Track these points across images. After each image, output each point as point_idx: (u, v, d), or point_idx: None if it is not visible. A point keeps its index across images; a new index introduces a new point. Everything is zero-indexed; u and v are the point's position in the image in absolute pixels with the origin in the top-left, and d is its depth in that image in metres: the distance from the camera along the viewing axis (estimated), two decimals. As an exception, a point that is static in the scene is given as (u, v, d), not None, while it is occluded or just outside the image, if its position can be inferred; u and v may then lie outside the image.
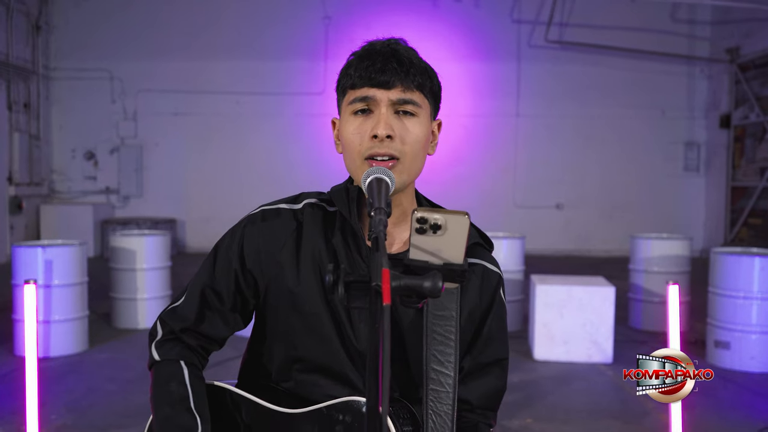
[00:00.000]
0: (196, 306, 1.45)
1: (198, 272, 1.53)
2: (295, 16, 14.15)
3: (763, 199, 12.39)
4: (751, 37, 12.71)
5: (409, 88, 1.37)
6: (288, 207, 1.50)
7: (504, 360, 1.44)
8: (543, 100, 14.23)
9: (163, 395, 1.39)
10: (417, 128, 1.37)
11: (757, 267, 6.05)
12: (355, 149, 1.36)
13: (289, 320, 1.38)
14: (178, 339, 1.45)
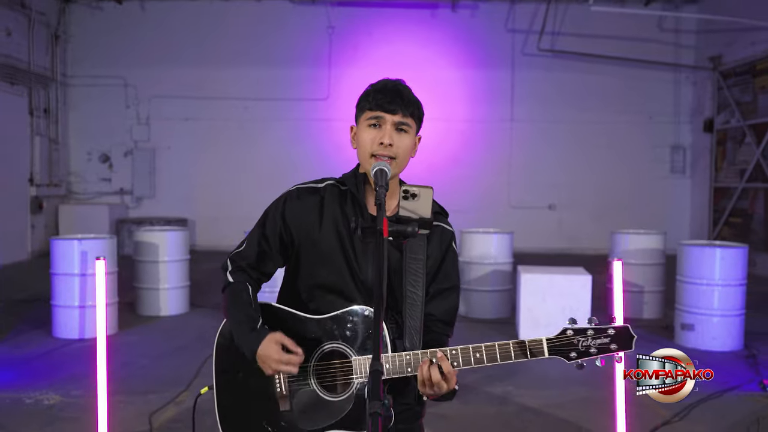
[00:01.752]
0: (254, 250, 2.16)
1: (253, 229, 2.23)
2: (301, 26, 14.88)
3: (742, 199, 13.11)
4: (732, 46, 13.43)
5: (405, 115, 2.07)
6: (315, 186, 2.21)
7: (456, 287, 2.14)
8: (536, 105, 14.94)
9: (235, 301, 2.10)
10: (407, 141, 2.05)
11: (717, 257, 6.78)
12: (366, 148, 2.06)
13: (314, 259, 2.08)
14: (243, 270, 2.16)
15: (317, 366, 1.98)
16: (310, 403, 1.97)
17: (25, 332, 7.29)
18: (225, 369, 2.15)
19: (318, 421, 1.96)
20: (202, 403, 2.47)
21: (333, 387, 1.96)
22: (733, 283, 6.76)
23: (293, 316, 2.04)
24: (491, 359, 1.92)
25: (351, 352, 1.94)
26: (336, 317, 1.97)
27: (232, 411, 2.13)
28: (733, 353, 6.67)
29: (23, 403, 5.10)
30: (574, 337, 1.94)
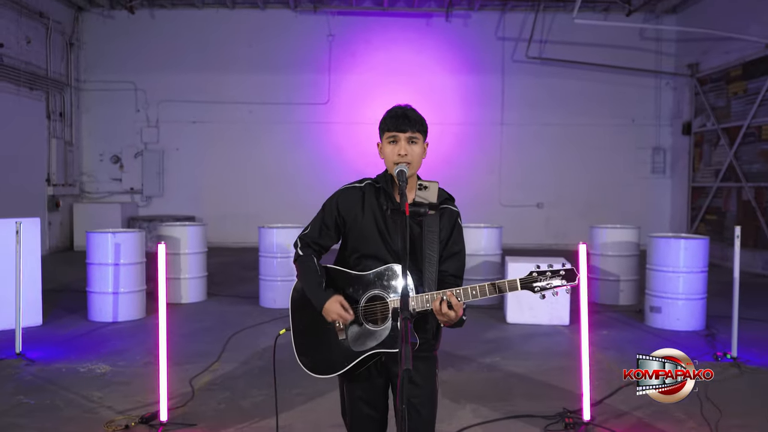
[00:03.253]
0: (317, 231, 2.97)
1: (316, 216, 3.02)
2: (303, 34, 15.70)
3: (717, 197, 14.02)
4: (707, 55, 14.33)
5: (413, 132, 2.88)
6: (357, 185, 3.02)
7: (462, 250, 2.96)
8: (525, 109, 15.81)
9: (306, 269, 2.91)
10: (417, 149, 2.86)
11: (682, 247, 7.65)
12: (390, 158, 2.86)
13: (358, 236, 2.88)
14: (309, 246, 2.96)
15: (364, 307, 2.81)
16: (360, 333, 2.80)
17: (63, 317, 8.09)
18: (299, 314, 2.98)
19: (366, 344, 2.79)
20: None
21: (375, 320, 2.79)
22: (695, 270, 7.63)
23: (348, 274, 2.87)
24: (483, 293, 2.73)
25: (387, 295, 2.78)
26: (376, 273, 2.80)
27: (305, 342, 2.96)
28: (695, 332, 7.53)
29: (78, 372, 5.91)
30: (537, 276, 2.75)
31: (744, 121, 12.92)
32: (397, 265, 2.79)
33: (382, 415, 3.00)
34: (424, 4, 15.53)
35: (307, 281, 2.92)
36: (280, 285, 8.76)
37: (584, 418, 4.64)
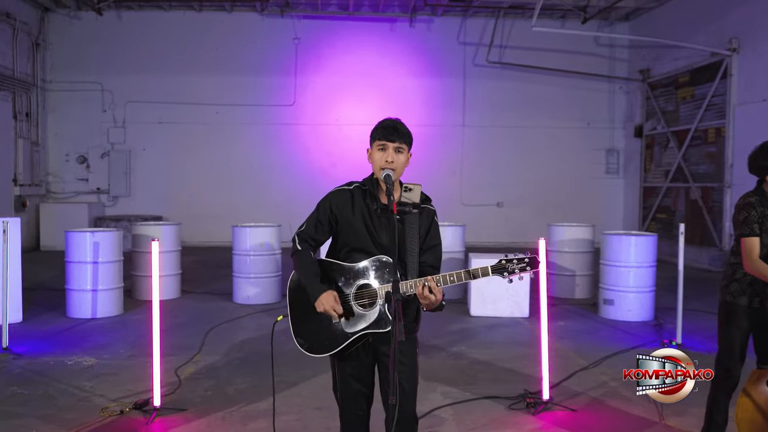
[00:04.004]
0: (312, 228, 3.34)
1: (311, 215, 3.40)
2: (269, 37, 16.00)
3: (667, 197, 14.75)
4: (658, 61, 15.05)
5: (400, 142, 3.29)
6: (346, 188, 3.41)
7: (439, 244, 3.37)
8: (485, 112, 16.35)
9: (303, 262, 3.28)
10: (402, 158, 3.27)
11: (633, 244, 8.22)
12: (378, 163, 3.26)
13: (348, 232, 3.27)
14: (306, 241, 3.34)
15: (355, 293, 3.21)
16: (351, 316, 3.21)
17: (42, 313, 8.30)
18: (296, 301, 3.36)
19: (356, 326, 3.19)
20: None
21: (365, 305, 3.19)
22: (645, 265, 8.21)
23: (340, 265, 3.27)
24: (459, 279, 3.15)
25: (375, 282, 3.18)
26: (366, 264, 3.21)
27: (301, 326, 3.34)
28: (645, 323, 8.10)
29: (66, 365, 6.18)
30: (506, 264, 3.18)
31: (692, 125, 13.65)
32: (384, 257, 3.20)
33: (370, 390, 3.40)
34: (388, 9, 15.95)
35: (304, 273, 3.30)
36: (253, 282, 9.10)
37: (544, 397, 5.10)
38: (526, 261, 3.15)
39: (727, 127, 12.48)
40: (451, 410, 5.04)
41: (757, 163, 3.96)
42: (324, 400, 5.23)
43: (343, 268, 3.28)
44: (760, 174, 3.95)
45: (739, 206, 3.96)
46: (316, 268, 3.29)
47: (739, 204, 3.97)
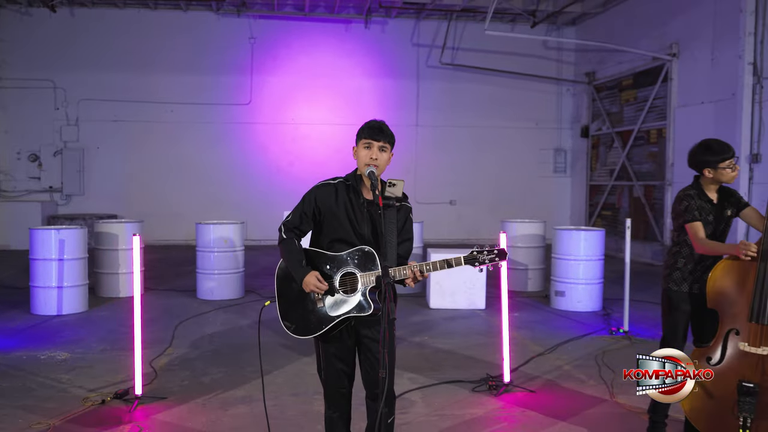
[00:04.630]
0: (298, 219, 3.61)
1: (296, 207, 3.66)
2: (225, 36, 16.09)
3: (612, 195, 15.40)
4: (603, 64, 15.69)
5: (384, 141, 3.58)
6: (330, 182, 3.69)
7: (412, 238, 3.68)
8: (438, 112, 16.77)
9: (290, 249, 3.55)
10: (385, 156, 3.56)
11: (582, 238, 8.69)
12: (363, 160, 3.55)
13: (332, 223, 3.55)
14: (292, 231, 3.60)
15: (339, 279, 3.50)
16: (335, 301, 3.49)
17: (6, 311, 8.32)
18: (283, 288, 3.63)
19: (340, 310, 3.47)
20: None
21: (347, 291, 3.48)
22: (593, 258, 8.69)
23: (325, 254, 3.55)
24: (435, 267, 3.47)
25: (357, 271, 3.47)
26: (348, 253, 3.49)
27: (289, 310, 3.61)
28: (594, 312, 8.59)
29: (39, 359, 6.29)
30: (477, 254, 3.51)
31: (635, 126, 14.30)
32: (366, 247, 3.50)
33: (351, 369, 3.70)
34: (343, 11, 16.21)
35: (290, 260, 3.57)
36: (216, 278, 9.28)
37: (505, 380, 5.47)
38: (495, 253, 3.48)
39: (668, 128, 13.14)
40: (420, 393, 5.36)
41: (696, 159, 4.36)
42: (298, 387, 5.50)
43: (327, 257, 3.56)
44: (698, 168, 4.35)
45: (679, 198, 4.36)
46: (301, 256, 3.56)
47: (679, 196, 4.37)
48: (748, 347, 3.95)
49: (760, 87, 10.75)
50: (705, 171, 4.30)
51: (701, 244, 4.16)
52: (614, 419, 4.83)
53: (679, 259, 4.36)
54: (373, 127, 3.60)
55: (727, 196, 4.35)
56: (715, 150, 4.27)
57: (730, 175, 4.26)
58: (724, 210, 4.32)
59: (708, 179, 4.30)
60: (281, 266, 3.68)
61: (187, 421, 4.77)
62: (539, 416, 4.87)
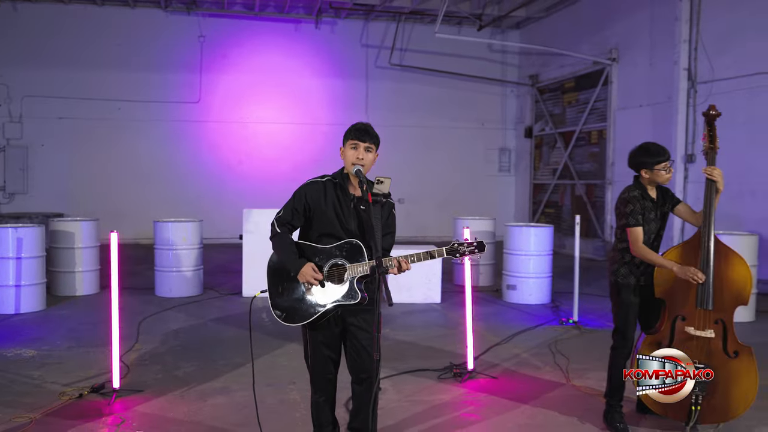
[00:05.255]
0: (290, 214, 3.82)
1: (287, 203, 3.86)
2: (173, 33, 16.01)
3: (555, 193, 15.99)
4: (546, 67, 16.27)
5: (370, 142, 3.82)
6: (319, 180, 3.91)
7: (394, 232, 3.95)
8: (387, 112, 17.05)
9: (284, 242, 3.75)
10: (371, 156, 3.81)
11: (532, 234, 9.11)
12: (350, 159, 3.79)
13: (321, 218, 3.77)
14: (284, 225, 3.82)
15: (328, 271, 3.73)
16: (325, 290, 3.72)
17: (-39, 311, 8.23)
18: (275, 278, 3.84)
19: (329, 299, 3.71)
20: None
21: (336, 281, 3.72)
22: (543, 253, 9.12)
23: (315, 247, 3.77)
24: (419, 258, 3.73)
25: (346, 262, 3.71)
26: (337, 246, 3.73)
27: (280, 299, 3.82)
28: (544, 305, 9.02)
29: (7, 357, 6.30)
30: (458, 246, 3.78)
31: (576, 127, 14.90)
32: (354, 240, 3.75)
33: (338, 356, 3.94)
34: (293, 11, 16.34)
35: (284, 252, 3.80)
36: (175, 276, 9.34)
37: (468, 368, 5.79)
38: (475, 245, 3.77)
39: (608, 130, 13.76)
40: (389, 381, 5.63)
41: (635, 160, 4.71)
42: (272, 377, 5.70)
43: (317, 249, 3.79)
44: (636, 169, 4.71)
45: (624, 199, 4.68)
46: (294, 248, 3.79)
47: (625, 197, 4.68)
48: (695, 331, 4.35)
49: (695, 91, 11.41)
50: (642, 172, 4.64)
51: (638, 250, 4.46)
52: (573, 401, 5.19)
53: (626, 254, 4.64)
54: (360, 129, 3.85)
55: (664, 192, 4.73)
56: (652, 152, 4.61)
57: (665, 177, 4.60)
58: (664, 206, 4.69)
59: (645, 179, 4.65)
60: (272, 258, 3.89)
61: (167, 411, 4.91)
62: (503, 400, 5.19)
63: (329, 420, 4.05)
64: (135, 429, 4.57)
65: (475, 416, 4.86)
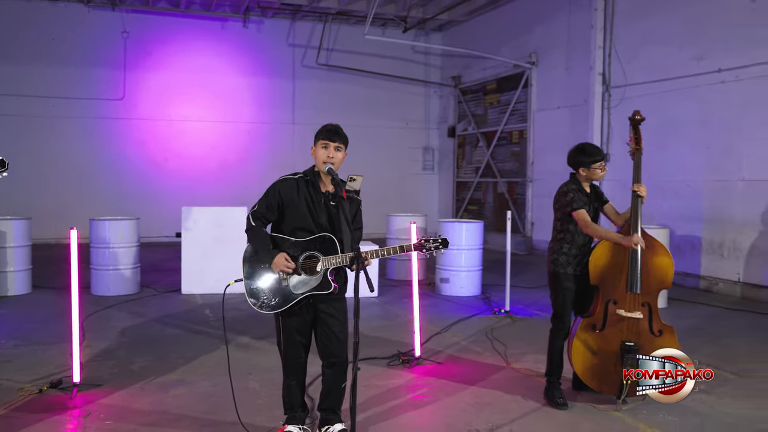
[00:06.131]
0: (264, 208, 4.05)
1: (261, 198, 4.08)
2: (96, 29, 15.72)
3: (477, 191, 16.64)
4: (469, 69, 16.89)
5: (339, 142, 4.10)
6: (291, 177, 4.16)
7: (362, 227, 4.24)
8: (314, 111, 17.25)
9: (259, 235, 3.98)
10: (340, 155, 4.09)
11: (464, 229, 9.59)
12: (321, 158, 4.06)
13: (294, 213, 4.03)
14: (258, 219, 4.05)
15: (302, 263, 4.00)
16: (298, 281, 3.99)
17: None
18: (250, 268, 4.07)
19: (303, 288, 3.98)
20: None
21: (310, 272, 3.99)
22: (473, 248, 9.62)
23: (289, 240, 4.03)
24: (388, 253, 4.05)
25: (319, 255, 3.99)
26: (311, 239, 4.01)
27: (255, 288, 4.06)
28: (476, 296, 9.52)
29: (-50, 356, 6.24)
30: (425, 242, 4.11)
31: (498, 127, 15.56)
32: (327, 234, 4.04)
33: (308, 341, 4.23)
34: (219, 9, 16.33)
35: (259, 244, 4.04)
36: (112, 274, 9.31)
37: (416, 354, 6.15)
38: (440, 241, 4.12)
39: (529, 130, 14.46)
40: (342, 369, 5.92)
41: (574, 159, 5.20)
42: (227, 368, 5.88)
43: (292, 243, 4.06)
44: (575, 167, 5.19)
45: (562, 192, 5.15)
46: (268, 240, 4.05)
47: (562, 191, 5.15)
48: (625, 313, 4.85)
49: (609, 95, 12.19)
50: (580, 170, 5.14)
51: (592, 229, 4.97)
52: (514, 381, 5.64)
53: (564, 245, 5.14)
54: (330, 130, 4.14)
55: (596, 191, 5.25)
56: (589, 152, 5.12)
57: (600, 174, 5.12)
58: (596, 203, 5.20)
59: (582, 177, 5.15)
60: (247, 249, 4.13)
61: (131, 403, 5.05)
62: (451, 383, 5.58)
63: (299, 402, 4.33)
64: (103, 420, 4.70)
65: (428, 398, 5.23)
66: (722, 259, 9.96)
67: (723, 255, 9.94)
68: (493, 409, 4.95)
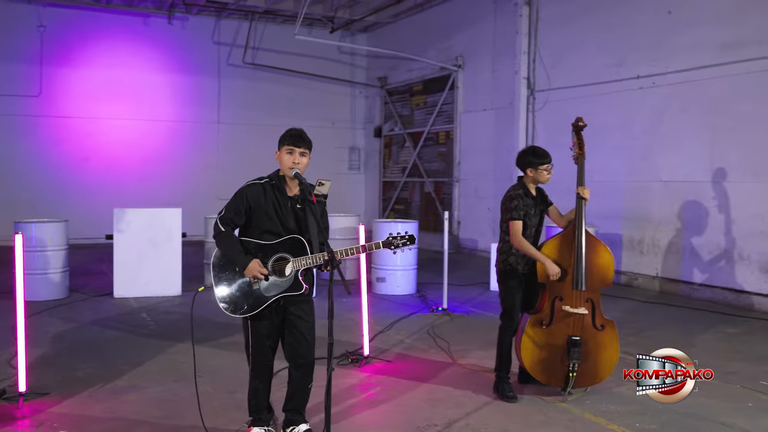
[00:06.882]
0: (233, 213, 4.06)
1: (229, 203, 4.09)
2: (9, 22, 15.05)
3: (404, 190, 16.89)
4: (395, 70, 17.11)
5: (304, 147, 4.16)
6: (257, 181, 4.19)
7: (328, 227, 4.32)
8: (240, 110, 17.13)
9: (229, 240, 3.99)
10: (305, 160, 4.15)
11: (399, 229, 9.73)
12: (286, 164, 4.11)
13: (261, 217, 4.06)
14: (228, 224, 4.05)
15: (272, 265, 4.04)
16: (270, 284, 4.03)
17: None
18: (220, 273, 4.07)
19: (275, 290, 4.02)
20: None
21: (280, 274, 4.04)
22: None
23: (258, 243, 4.06)
24: (357, 251, 4.14)
25: (289, 257, 4.04)
26: (280, 242, 4.05)
27: (225, 292, 4.07)
28: (411, 295, 9.72)
29: None
30: (393, 240, 4.21)
31: (425, 128, 15.85)
32: (296, 236, 4.10)
33: (276, 344, 4.28)
34: (141, 4, 15.94)
35: (230, 249, 4.07)
36: (41, 278, 9.00)
37: (364, 354, 6.27)
38: (407, 238, 4.25)
39: (455, 131, 14.80)
40: (294, 370, 5.97)
41: (523, 160, 5.42)
42: (177, 373, 5.83)
43: (261, 246, 4.10)
44: (523, 168, 5.43)
45: (510, 196, 5.38)
46: (239, 245, 4.08)
47: (510, 195, 5.39)
48: (571, 309, 5.12)
49: (533, 98, 12.64)
50: (528, 171, 5.37)
51: (518, 242, 5.16)
52: (464, 377, 5.83)
53: (513, 246, 5.37)
54: (294, 135, 4.20)
55: (542, 193, 5.50)
56: (539, 154, 5.37)
57: (546, 177, 5.38)
58: (542, 205, 5.46)
59: (530, 178, 5.39)
60: (217, 254, 4.15)
61: (83, 411, 4.95)
62: (403, 380, 5.73)
63: (266, 405, 4.38)
64: (57, 429, 4.60)
65: (382, 396, 5.36)
66: (641, 256, 10.52)
67: (642, 251, 10.51)
68: (447, 405, 5.12)
